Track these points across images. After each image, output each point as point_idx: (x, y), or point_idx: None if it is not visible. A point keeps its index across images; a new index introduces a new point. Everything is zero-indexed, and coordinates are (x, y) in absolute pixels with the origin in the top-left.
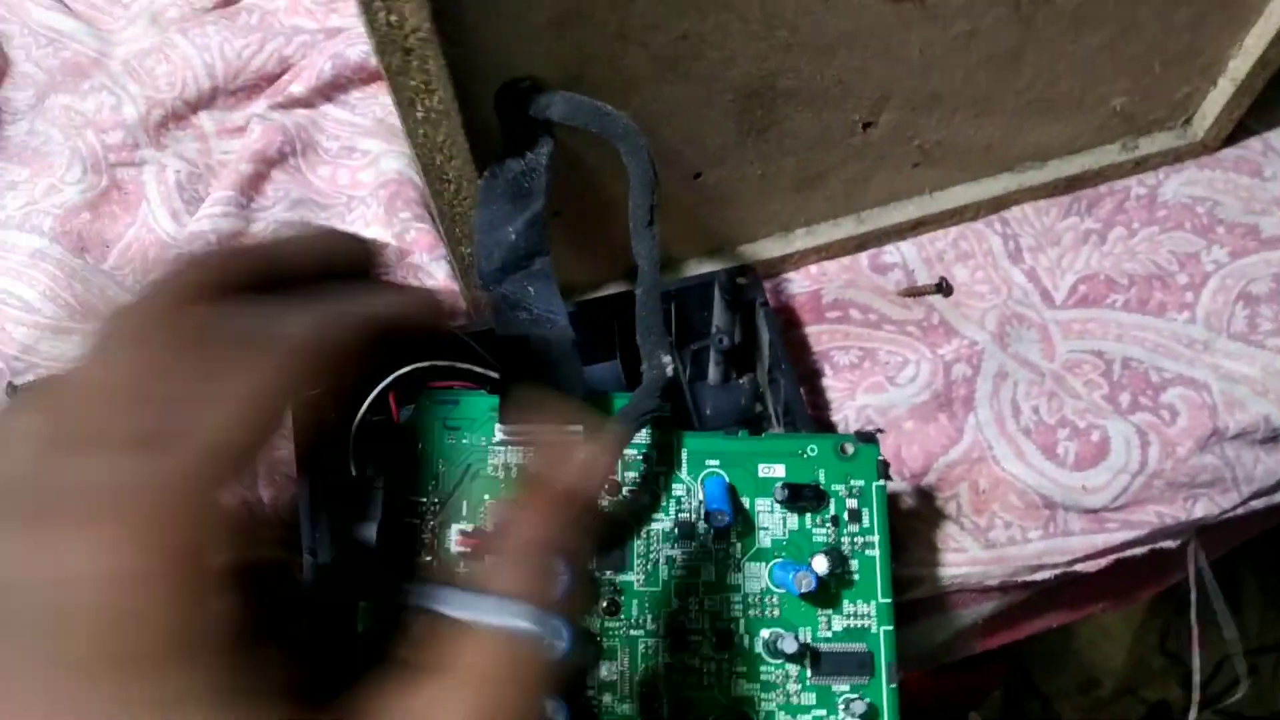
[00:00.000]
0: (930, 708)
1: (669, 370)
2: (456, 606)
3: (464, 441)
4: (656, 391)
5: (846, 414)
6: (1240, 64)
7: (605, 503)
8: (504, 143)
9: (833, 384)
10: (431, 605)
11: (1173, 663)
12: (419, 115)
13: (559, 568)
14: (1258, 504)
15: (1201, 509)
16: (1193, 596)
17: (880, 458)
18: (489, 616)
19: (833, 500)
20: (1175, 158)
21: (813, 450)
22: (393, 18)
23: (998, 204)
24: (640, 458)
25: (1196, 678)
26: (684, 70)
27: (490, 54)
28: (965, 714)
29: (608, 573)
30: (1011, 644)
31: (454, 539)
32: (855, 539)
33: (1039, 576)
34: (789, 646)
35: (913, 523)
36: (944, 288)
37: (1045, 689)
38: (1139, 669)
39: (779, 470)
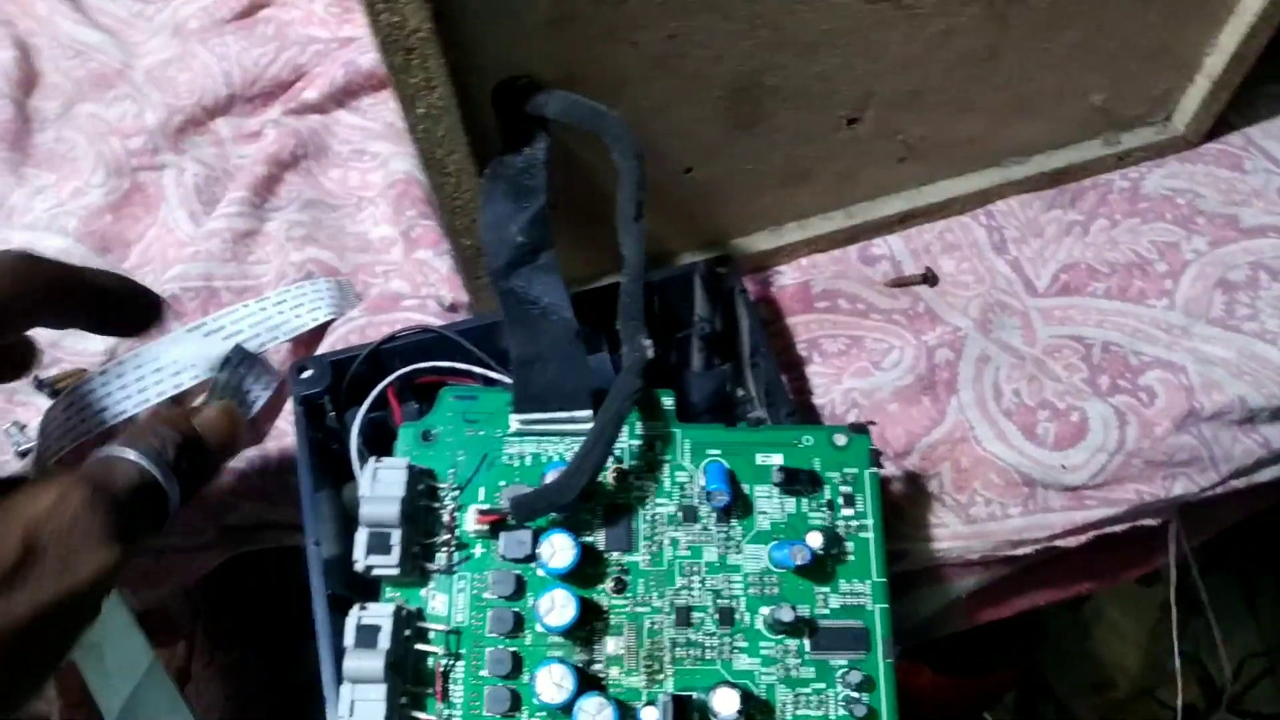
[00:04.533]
0: (944, 710)
1: (649, 352)
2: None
3: (481, 434)
4: (638, 372)
5: (833, 398)
6: (1216, 61)
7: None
8: (503, 139)
9: (821, 370)
10: None
11: (1191, 662)
12: (420, 111)
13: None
14: (1238, 483)
15: (1181, 487)
16: (1172, 576)
17: (872, 447)
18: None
19: (827, 486)
20: (1157, 152)
21: (808, 440)
22: (395, 19)
23: (983, 198)
24: (643, 444)
25: (1177, 663)
26: (672, 68)
27: (487, 53)
28: (979, 716)
29: (614, 553)
30: (1024, 646)
31: (473, 518)
32: (850, 522)
33: (1020, 551)
34: (786, 615)
35: (896, 500)
36: (930, 278)
37: (1060, 690)
38: (1154, 669)
39: (777, 459)
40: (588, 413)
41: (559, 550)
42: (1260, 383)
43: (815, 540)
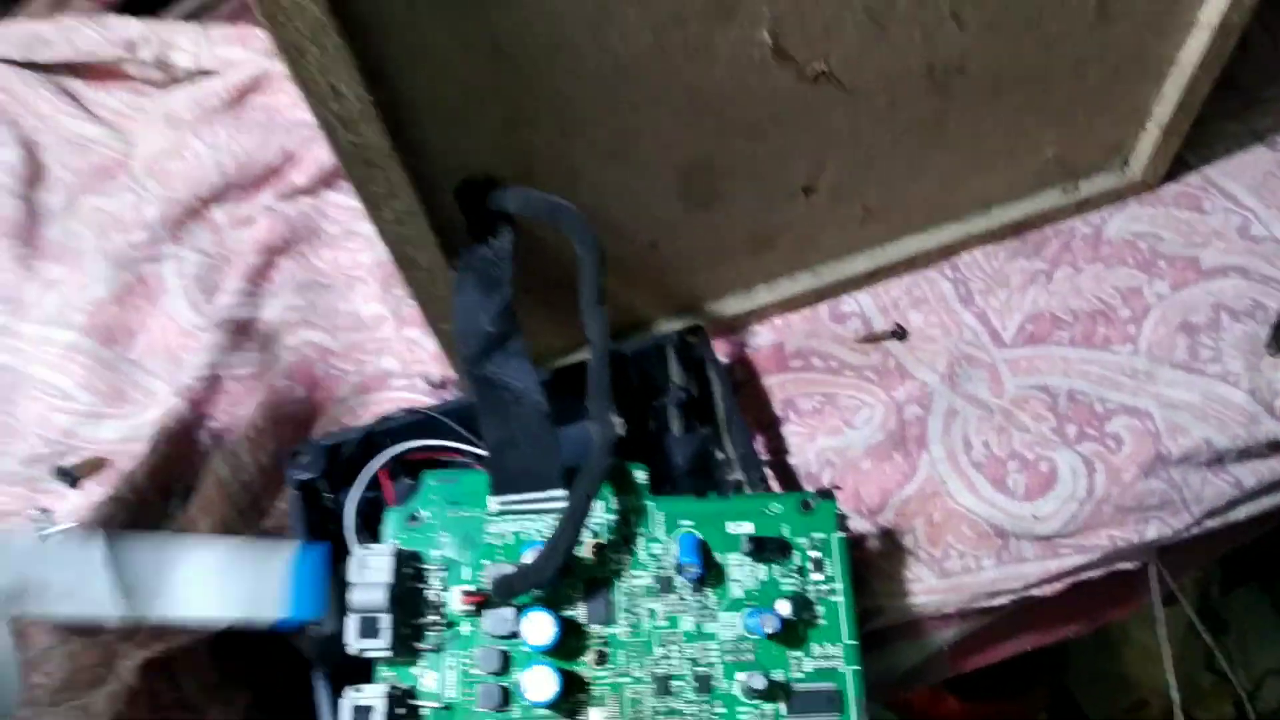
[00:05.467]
0: None
1: (619, 429)
2: None
3: (464, 514)
4: (609, 450)
5: (807, 456)
6: (1163, 109)
7: (589, 560)
8: (469, 233)
9: (797, 428)
10: None
11: (1222, 680)
12: (387, 217)
13: None
14: (1212, 523)
15: (1154, 530)
16: (1158, 613)
17: (838, 511)
18: None
19: (796, 552)
20: (1117, 196)
21: (776, 508)
22: (354, 139)
23: (947, 251)
24: (618, 519)
25: (1176, 696)
26: (625, 157)
27: (446, 158)
28: None
29: (594, 626)
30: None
31: (458, 598)
32: (819, 586)
33: (996, 603)
34: (758, 683)
35: (871, 557)
36: (899, 333)
37: (1091, 714)
38: (1187, 688)
39: (747, 527)
40: (562, 491)
41: (539, 627)
42: (1225, 424)
43: (784, 608)
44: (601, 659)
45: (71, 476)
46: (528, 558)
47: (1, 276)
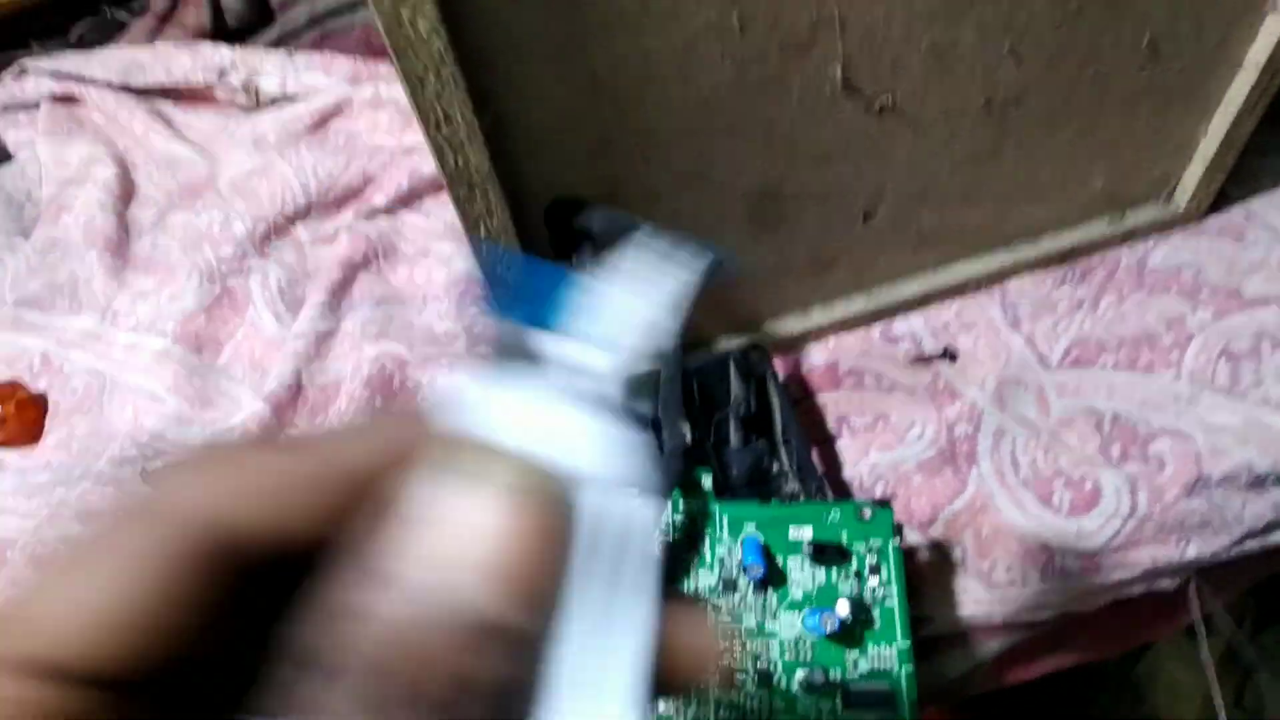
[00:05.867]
0: None
1: (687, 438)
2: None
3: None
4: (679, 455)
5: (861, 470)
6: (1209, 145)
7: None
8: (554, 251)
9: (849, 444)
10: None
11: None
12: (481, 233)
13: None
14: (1251, 545)
15: (1194, 550)
16: (1199, 630)
17: (894, 520)
18: None
19: (854, 557)
20: (1161, 228)
21: (835, 515)
22: (460, 161)
23: (996, 278)
24: (686, 521)
25: (1220, 702)
26: (700, 182)
27: (539, 180)
28: None
29: None
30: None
31: None
32: (875, 591)
33: (1040, 616)
34: (818, 679)
35: (921, 567)
36: (950, 354)
37: None
38: None
39: (807, 532)
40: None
41: None
42: (1266, 448)
43: (844, 609)
44: None
45: None
46: None
47: (95, 286)
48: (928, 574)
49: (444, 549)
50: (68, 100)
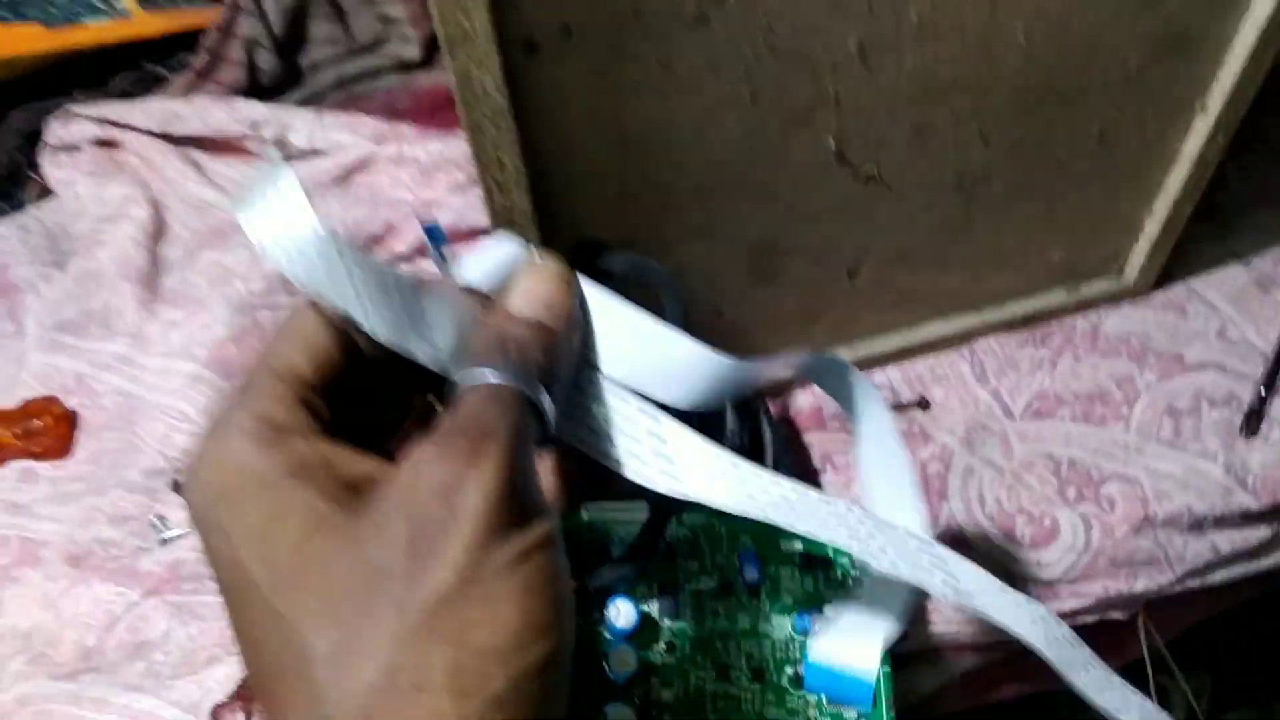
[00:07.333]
0: None
1: None
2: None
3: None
4: None
5: None
6: (1153, 226)
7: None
8: None
9: (832, 479)
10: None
11: None
12: None
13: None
14: (1194, 583)
15: (1142, 584)
16: (1148, 669)
17: None
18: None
19: (838, 569)
20: (1113, 299)
21: None
22: (506, 201)
23: (966, 337)
24: (689, 533)
25: None
26: (707, 235)
27: (569, 223)
28: None
29: (666, 621)
30: None
31: None
32: None
33: (1004, 636)
34: (804, 675)
35: None
36: (924, 404)
37: None
38: None
39: (797, 545)
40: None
41: (623, 613)
42: (1204, 494)
43: (829, 610)
44: (671, 649)
45: None
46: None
47: (128, 316)
48: None
49: (520, 295)
50: (109, 144)
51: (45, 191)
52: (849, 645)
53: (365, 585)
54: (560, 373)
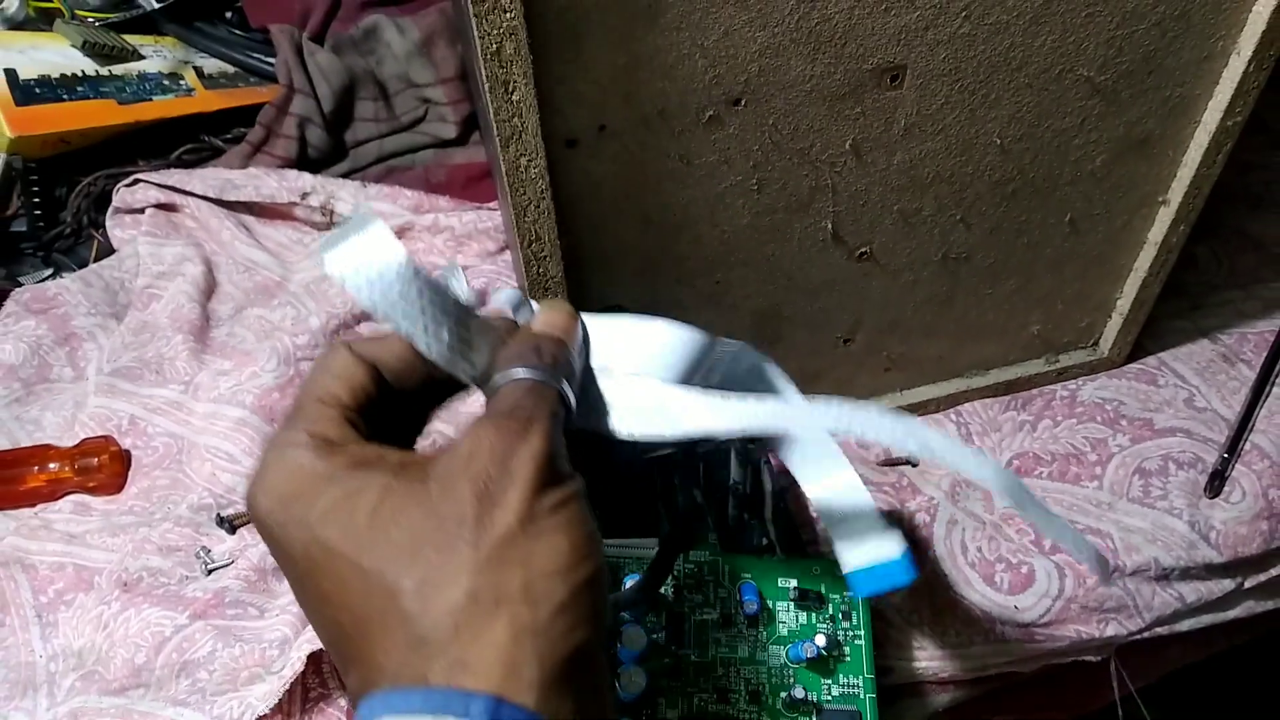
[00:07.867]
0: None
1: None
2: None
3: None
4: (694, 519)
5: None
6: (1124, 304)
7: (671, 597)
8: None
9: None
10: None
11: None
12: None
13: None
14: (1162, 630)
15: (1112, 629)
16: (1118, 711)
17: None
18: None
19: (830, 603)
20: (1089, 369)
21: (817, 569)
22: (541, 270)
23: (952, 400)
24: (695, 568)
25: None
26: (717, 302)
27: (595, 291)
28: None
29: (673, 647)
30: None
31: None
32: (847, 631)
33: (984, 674)
34: (799, 694)
35: (885, 627)
36: (911, 461)
37: None
38: None
39: (793, 582)
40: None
41: (633, 638)
42: (1170, 547)
43: (821, 640)
44: (676, 672)
45: (230, 524)
46: (628, 586)
47: (179, 364)
48: (890, 632)
49: (542, 321)
50: (168, 208)
51: (106, 249)
52: (869, 545)
53: (440, 532)
54: (574, 372)
